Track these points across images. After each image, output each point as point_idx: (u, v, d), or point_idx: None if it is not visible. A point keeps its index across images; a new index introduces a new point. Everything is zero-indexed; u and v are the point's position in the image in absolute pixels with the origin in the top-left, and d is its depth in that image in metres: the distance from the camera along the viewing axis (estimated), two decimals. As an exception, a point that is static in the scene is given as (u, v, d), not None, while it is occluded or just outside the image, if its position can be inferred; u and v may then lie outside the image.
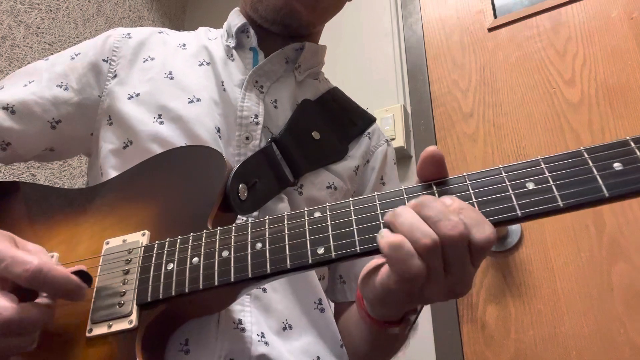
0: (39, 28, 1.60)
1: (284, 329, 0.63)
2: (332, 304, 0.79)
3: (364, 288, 0.52)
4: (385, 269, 0.47)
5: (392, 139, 1.55)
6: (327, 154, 0.77)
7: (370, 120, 0.87)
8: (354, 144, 0.82)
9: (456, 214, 0.43)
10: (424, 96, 1.65)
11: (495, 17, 1.66)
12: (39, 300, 0.51)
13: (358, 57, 1.83)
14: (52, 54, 1.61)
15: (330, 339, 0.67)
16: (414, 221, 0.43)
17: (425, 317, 1.37)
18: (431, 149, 0.48)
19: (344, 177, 0.77)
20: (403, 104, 1.64)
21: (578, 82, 1.43)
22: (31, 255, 0.49)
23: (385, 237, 0.44)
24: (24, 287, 0.49)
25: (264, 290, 0.64)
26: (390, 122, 1.59)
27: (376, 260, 0.51)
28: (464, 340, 1.31)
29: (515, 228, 1.35)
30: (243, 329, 0.59)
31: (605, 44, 1.44)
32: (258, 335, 0.60)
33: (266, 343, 0.60)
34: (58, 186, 1.55)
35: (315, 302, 0.68)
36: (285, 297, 0.65)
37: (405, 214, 0.44)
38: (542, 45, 1.53)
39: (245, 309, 0.61)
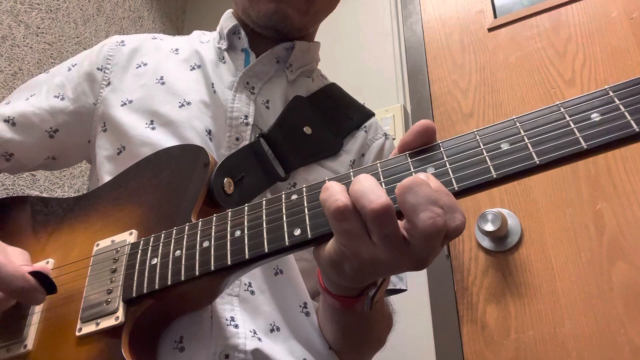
0: (39, 28, 1.60)
1: (272, 330, 0.64)
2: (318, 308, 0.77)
3: (317, 257, 0.49)
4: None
5: (392, 139, 1.55)
6: (320, 149, 0.76)
7: (368, 114, 0.86)
8: (350, 139, 0.81)
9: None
10: (424, 96, 1.65)
11: (495, 17, 1.66)
12: None
13: (358, 57, 1.83)
14: (52, 54, 1.62)
15: (316, 342, 0.67)
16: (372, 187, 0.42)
17: (425, 317, 1.36)
18: (425, 122, 0.46)
19: (341, 172, 0.76)
20: (403, 104, 1.64)
21: (578, 82, 1.43)
22: None
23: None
24: None
25: (252, 292, 0.64)
26: (390, 122, 1.59)
27: None
28: (464, 340, 1.31)
29: (515, 228, 1.35)
30: (236, 325, 0.60)
31: (605, 44, 1.44)
32: (251, 331, 0.61)
33: (259, 339, 0.61)
34: (58, 186, 1.55)
35: (300, 306, 0.68)
36: (271, 299, 0.65)
37: (364, 181, 0.42)
38: (542, 45, 1.53)
39: (235, 309, 0.62)
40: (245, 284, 0.64)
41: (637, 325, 1.14)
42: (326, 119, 0.80)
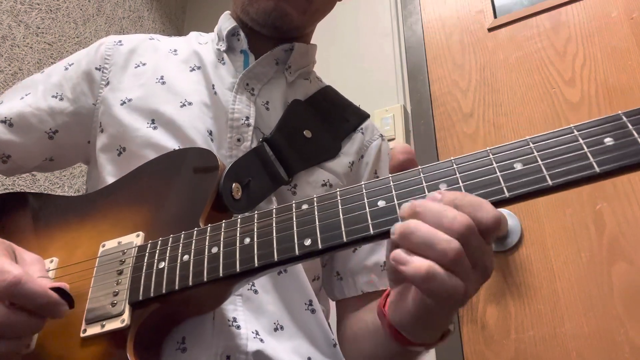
0: (39, 28, 1.60)
1: (276, 329, 0.64)
2: (324, 306, 0.77)
3: (396, 314, 0.48)
4: (417, 294, 0.43)
5: (392, 139, 1.56)
6: (320, 152, 0.77)
7: (364, 116, 0.87)
8: (347, 141, 0.82)
9: (452, 208, 0.41)
10: (424, 96, 1.65)
11: (495, 17, 1.66)
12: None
13: (358, 57, 1.83)
14: (52, 54, 1.61)
15: (321, 339, 0.68)
16: (430, 234, 0.41)
17: (425, 317, 1.36)
18: (400, 148, 0.47)
19: (340, 174, 0.77)
20: (403, 104, 1.64)
21: (578, 82, 1.43)
22: (15, 266, 0.48)
23: (413, 264, 0.41)
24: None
25: (255, 291, 0.64)
26: (390, 122, 1.59)
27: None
28: (464, 340, 1.31)
29: (515, 228, 1.35)
30: (238, 327, 0.60)
31: (605, 44, 1.44)
32: (253, 332, 0.61)
33: (261, 340, 0.61)
34: (58, 186, 1.55)
35: (306, 304, 0.68)
36: (276, 298, 0.66)
37: (420, 229, 0.41)
38: (542, 45, 1.53)
39: (238, 309, 0.62)
40: (248, 283, 0.64)
41: (637, 325, 1.15)
42: (324, 122, 0.81)
